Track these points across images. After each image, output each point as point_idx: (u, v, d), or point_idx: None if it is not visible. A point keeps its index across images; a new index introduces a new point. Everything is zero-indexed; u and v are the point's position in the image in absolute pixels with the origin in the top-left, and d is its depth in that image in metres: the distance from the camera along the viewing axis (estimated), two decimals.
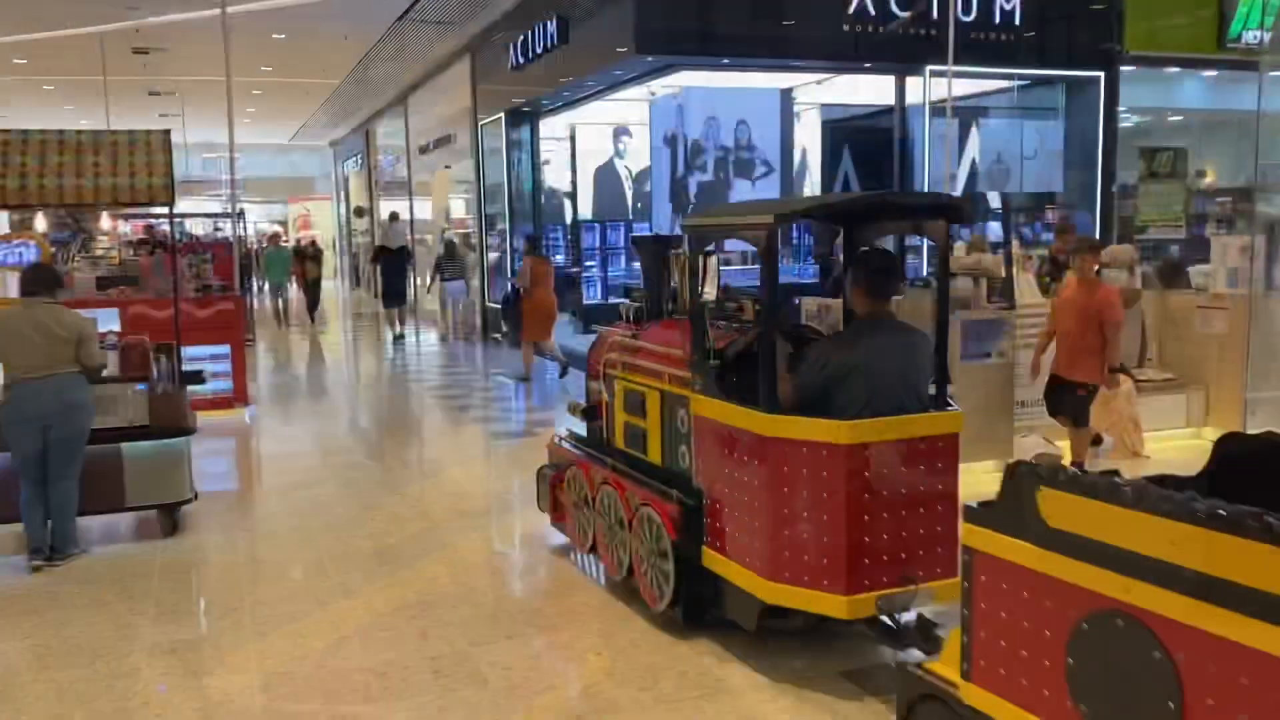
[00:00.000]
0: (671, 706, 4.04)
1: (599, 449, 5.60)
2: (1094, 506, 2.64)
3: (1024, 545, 2.83)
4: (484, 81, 18.28)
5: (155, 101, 24.76)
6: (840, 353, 4.31)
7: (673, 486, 4.75)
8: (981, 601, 3.00)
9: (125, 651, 4.72)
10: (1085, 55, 14.28)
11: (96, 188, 6.37)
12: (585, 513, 5.50)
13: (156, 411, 6.36)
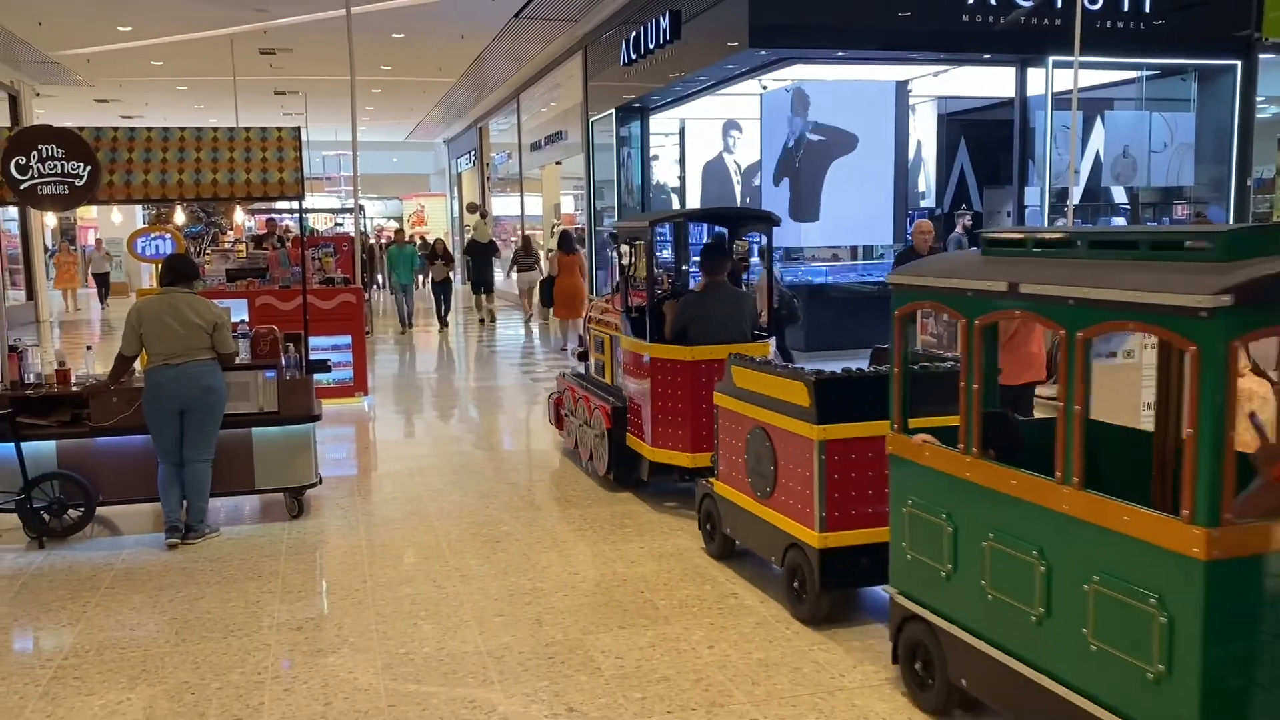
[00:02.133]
0: (786, 702, 4.01)
1: (583, 378, 8.23)
2: (751, 374, 5.27)
3: (729, 398, 5.49)
4: (595, 78, 18.43)
5: (280, 100, 25.70)
6: (691, 307, 6.78)
7: (612, 396, 7.31)
8: (719, 434, 5.63)
9: (255, 627, 4.92)
10: (1220, 43, 13.67)
11: (231, 182, 6.64)
12: (571, 420, 8.07)
13: (285, 398, 6.60)
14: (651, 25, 14.70)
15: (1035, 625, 3.32)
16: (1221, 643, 2.77)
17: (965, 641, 3.67)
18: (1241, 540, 2.76)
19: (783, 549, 4.92)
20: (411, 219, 37.39)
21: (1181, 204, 14.78)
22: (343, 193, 35.29)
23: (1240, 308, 2.66)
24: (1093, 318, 3.08)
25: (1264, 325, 2.77)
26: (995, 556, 3.50)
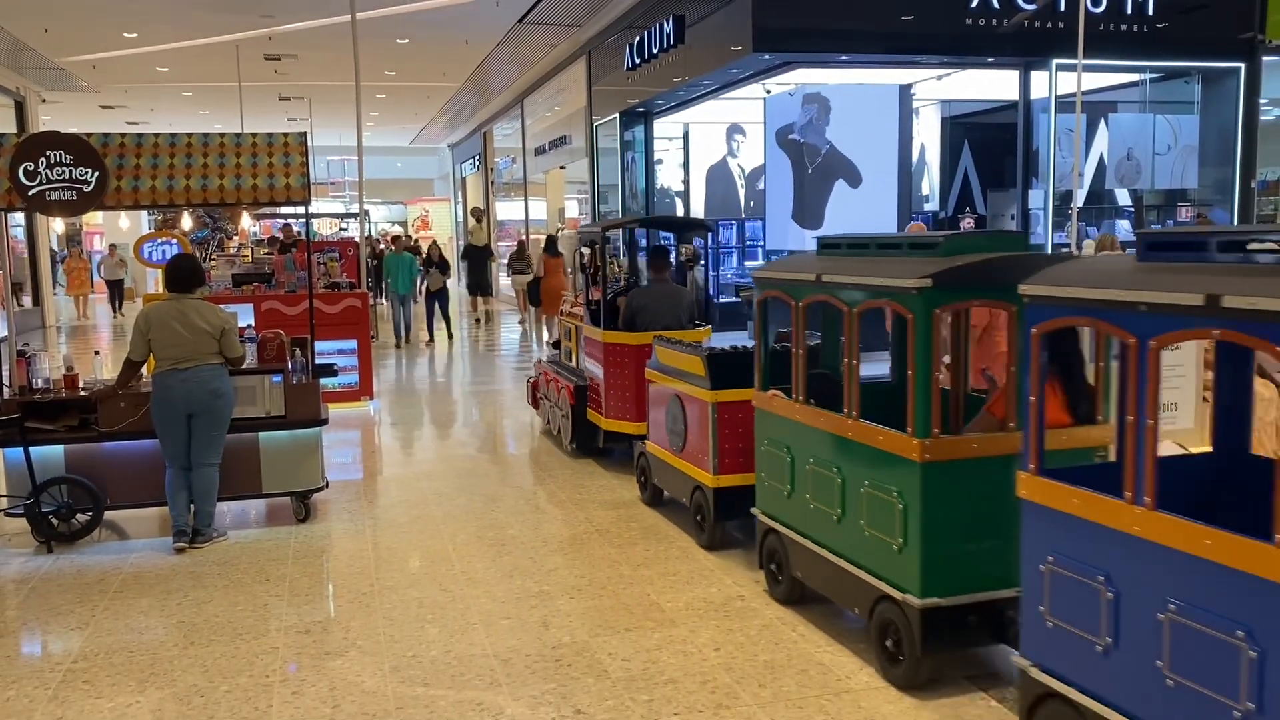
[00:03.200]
0: (792, 704, 4.03)
1: (555, 363, 9.40)
2: (668, 353, 6.43)
3: (655, 373, 6.69)
4: (599, 83, 18.47)
5: (285, 106, 25.78)
6: (638, 299, 7.97)
7: (576, 377, 8.52)
8: (649, 403, 6.88)
9: (263, 631, 4.94)
10: (1223, 45, 13.68)
11: (238, 188, 6.67)
12: (545, 401, 9.25)
13: (292, 403, 6.63)
14: (655, 30, 14.74)
15: (836, 523, 4.54)
16: (933, 519, 3.94)
17: (799, 542, 4.85)
18: (944, 448, 3.93)
19: (690, 490, 6.19)
20: (416, 224, 37.45)
21: (1186, 206, 14.78)
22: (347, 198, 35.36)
23: (937, 289, 3.88)
24: (861, 298, 4.29)
25: (956, 301, 4.04)
26: (814, 476, 4.69)
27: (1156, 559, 2.95)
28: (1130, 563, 3.04)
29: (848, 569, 4.43)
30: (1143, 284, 2.99)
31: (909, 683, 4.11)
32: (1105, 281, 3.16)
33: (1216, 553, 2.77)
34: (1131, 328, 3.02)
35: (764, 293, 5.13)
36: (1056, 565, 3.32)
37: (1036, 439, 3.38)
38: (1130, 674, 3.06)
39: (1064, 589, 3.29)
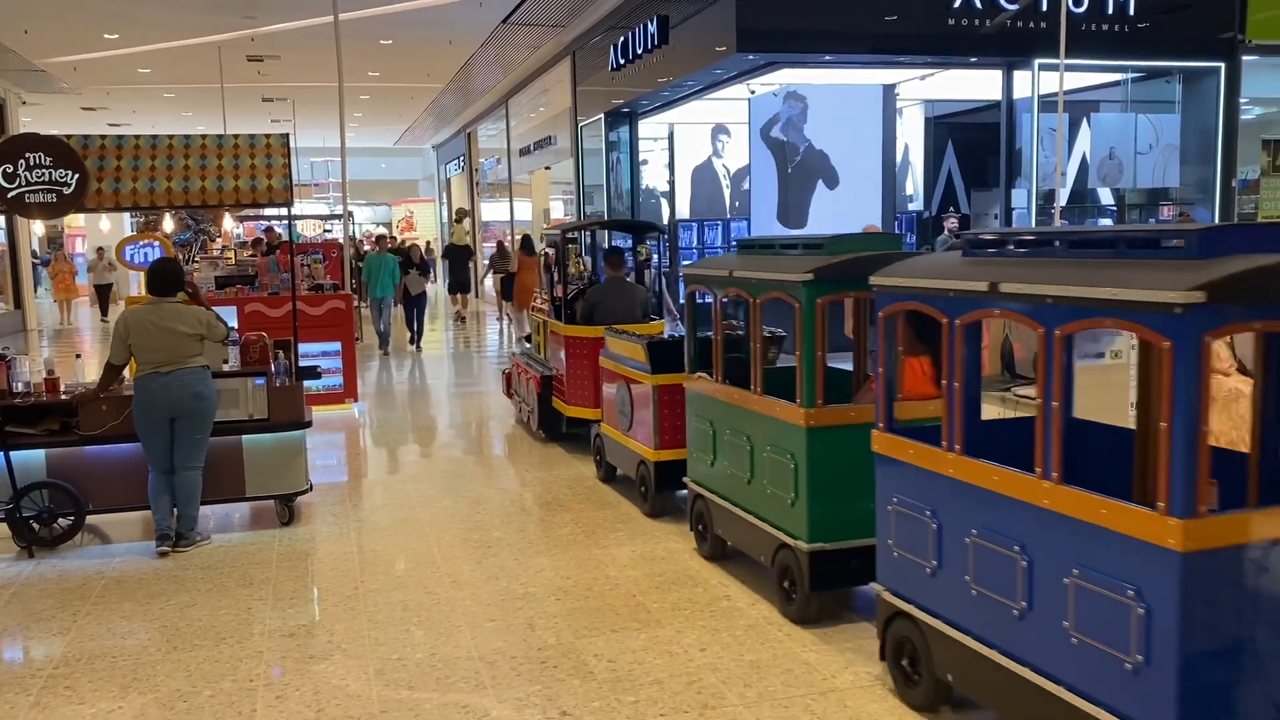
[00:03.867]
0: (778, 704, 4.03)
1: (527, 355, 9.87)
2: (617, 342, 7.12)
3: (607, 360, 7.35)
4: (584, 83, 18.46)
5: (268, 107, 25.66)
6: (596, 295, 8.55)
7: (543, 368, 9.07)
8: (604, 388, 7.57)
9: (247, 635, 4.91)
10: (1204, 45, 13.76)
11: (220, 190, 6.64)
12: (516, 389, 9.95)
13: (275, 405, 6.60)
14: (639, 30, 14.73)
15: (747, 484, 5.22)
16: (817, 475, 4.66)
17: (721, 505, 5.55)
18: (826, 416, 4.66)
19: (636, 464, 6.89)
20: (400, 225, 37.34)
21: (1168, 205, 14.87)
22: (331, 199, 35.25)
23: (817, 282, 4.60)
24: (762, 289, 5.05)
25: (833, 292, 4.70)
26: (730, 445, 5.38)
27: (965, 495, 3.62)
28: (947, 499, 3.72)
29: (756, 523, 5.13)
30: (953, 275, 3.67)
31: (801, 617, 4.83)
32: (926, 274, 3.84)
33: (1001, 486, 3.43)
34: (944, 309, 3.68)
35: (690, 287, 5.90)
36: (899, 505, 3.97)
37: (885, 403, 4.06)
38: (949, 589, 3.74)
39: (904, 524, 3.96)
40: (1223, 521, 2.85)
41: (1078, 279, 3.13)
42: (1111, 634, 3.01)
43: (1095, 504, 3.05)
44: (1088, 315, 3.08)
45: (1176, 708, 2.83)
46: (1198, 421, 2.78)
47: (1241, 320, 2.90)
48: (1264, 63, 14.40)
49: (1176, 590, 2.81)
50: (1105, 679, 3.05)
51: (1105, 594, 3.03)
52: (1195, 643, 2.83)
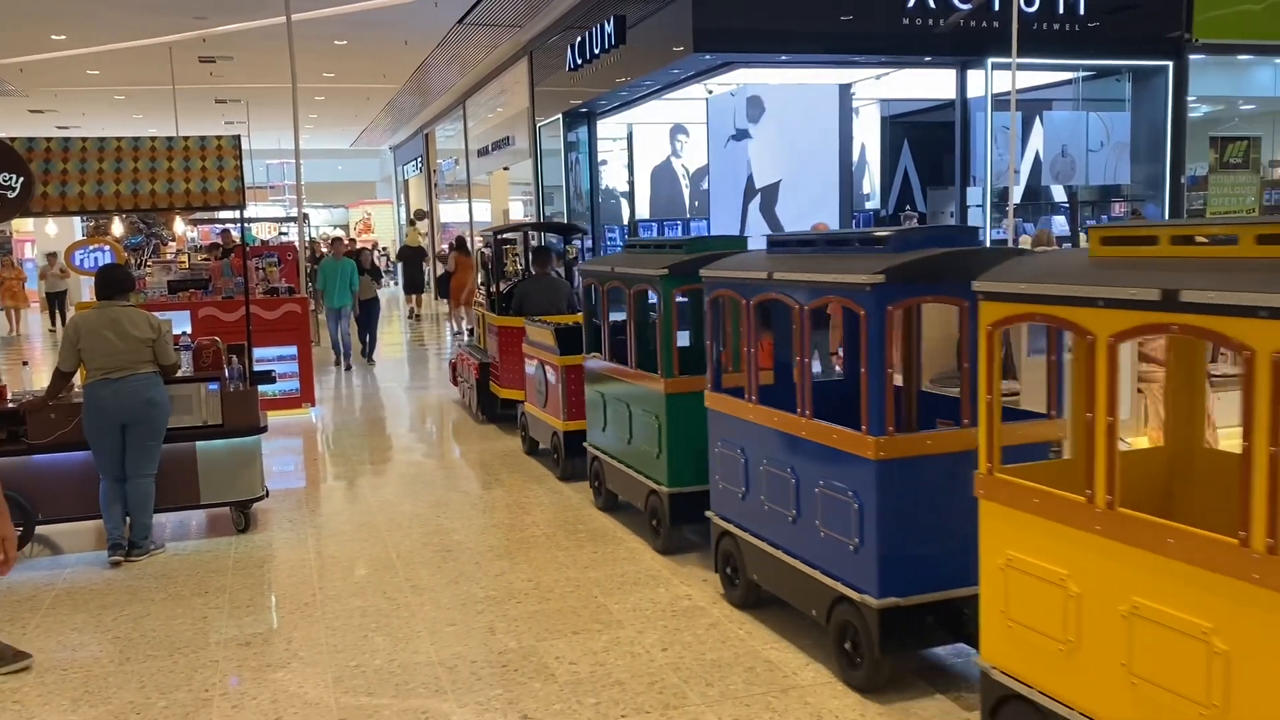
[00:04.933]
0: (739, 702, 4.03)
1: (470, 346, 11.05)
2: (534, 329, 8.17)
3: (528, 345, 8.33)
4: (541, 83, 18.40)
5: (221, 109, 25.35)
6: (524, 289, 9.47)
7: (482, 357, 10.13)
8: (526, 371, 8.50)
9: (202, 644, 4.84)
10: (1152, 44, 13.98)
11: (170, 192, 6.53)
12: (460, 376, 10.99)
13: (229, 411, 6.51)
14: (596, 30, 14.71)
15: (627, 443, 6.23)
16: (674, 433, 5.67)
17: (609, 461, 6.58)
18: (680, 385, 5.63)
19: (549, 435, 7.88)
20: (358, 227, 36.99)
21: (1119, 202, 15.09)
22: (287, 201, 34.87)
23: (673, 276, 5.59)
24: (634, 281, 6.03)
25: (687, 284, 5.58)
26: (612, 411, 6.47)
27: (759, 434, 4.67)
28: (749, 438, 4.77)
29: (633, 475, 6.15)
30: (751, 267, 4.74)
31: (665, 548, 5.87)
32: (735, 267, 4.97)
33: (779, 424, 4.50)
34: (741, 293, 4.78)
35: (585, 280, 6.96)
36: (721, 447, 5.07)
37: (713, 369, 5.15)
38: (750, 508, 4.82)
39: (725, 461, 5.03)
40: (904, 440, 3.93)
41: (821, 268, 4.22)
42: (841, 525, 4.09)
43: (830, 431, 4.14)
44: (821, 294, 4.22)
45: (878, 572, 3.91)
46: (884, 368, 3.86)
47: (912, 295, 4.06)
48: (1210, 61, 14.67)
49: (874, 488, 3.90)
50: (839, 559, 4.13)
51: (837, 496, 4.11)
52: (888, 526, 3.90)
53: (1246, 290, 2.50)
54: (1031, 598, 3.21)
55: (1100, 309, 2.91)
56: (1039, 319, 3.20)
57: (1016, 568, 3.26)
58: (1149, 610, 2.81)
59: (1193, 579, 2.69)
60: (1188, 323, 2.67)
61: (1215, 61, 14.78)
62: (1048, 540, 3.13)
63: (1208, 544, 2.66)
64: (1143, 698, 2.85)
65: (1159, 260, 2.90)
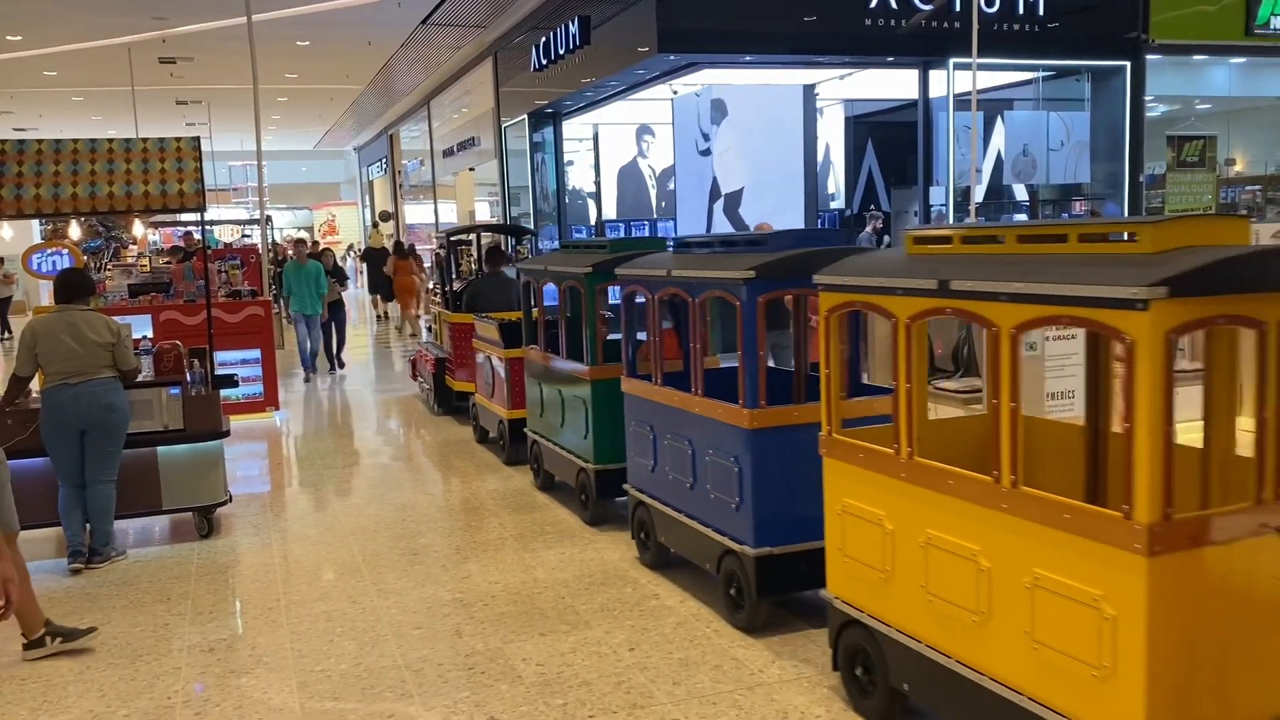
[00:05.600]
0: (706, 700, 4.04)
1: (430, 344, 11.63)
2: (481, 325, 8.79)
3: (477, 340, 8.99)
4: (506, 84, 18.35)
5: (182, 110, 25.07)
6: (476, 287, 9.83)
7: (439, 352, 10.70)
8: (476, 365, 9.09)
9: (164, 652, 4.78)
10: (1110, 45, 14.17)
11: (129, 195, 6.45)
12: (420, 372, 11.51)
13: (190, 415, 6.44)
14: (561, 31, 14.69)
15: (560, 427, 6.85)
16: (599, 414, 6.22)
17: (545, 445, 7.20)
18: (602, 371, 6.19)
19: (497, 424, 8.48)
20: (323, 229, 36.67)
21: (1080, 200, 15.27)
22: (250, 203, 34.54)
23: (595, 273, 6.12)
24: (563, 278, 6.67)
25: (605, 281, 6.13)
26: (546, 397, 7.09)
27: (663, 413, 5.29)
28: (656, 416, 5.39)
29: (567, 456, 6.77)
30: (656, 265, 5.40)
31: (593, 519, 6.50)
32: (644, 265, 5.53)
33: (679, 403, 5.10)
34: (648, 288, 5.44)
35: (524, 278, 7.54)
36: (635, 426, 5.66)
37: (628, 356, 5.72)
38: (659, 478, 5.39)
39: (638, 439, 5.62)
40: (776, 411, 4.53)
41: (709, 266, 4.82)
42: (726, 487, 4.70)
43: (716, 406, 4.76)
44: (709, 288, 4.82)
45: (754, 526, 4.53)
46: (758, 350, 4.47)
47: (779, 289, 4.60)
48: (1167, 62, 14.88)
49: (750, 453, 4.50)
50: (725, 517, 4.74)
51: (722, 462, 4.72)
52: (762, 486, 4.51)
53: (995, 280, 3.11)
54: (860, 537, 3.79)
55: (899, 296, 3.51)
56: (859, 305, 3.75)
57: (849, 512, 3.84)
58: (937, 539, 3.40)
59: (965, 512, 3.27)
60: (956, 306, 3.29)
61: (1171, 62, 15.00)
62: (870, 488, 3.73)
63: (972, 482, 3.24)
64: (936, 612, 3.44)
65: (947, 257, 3.47)
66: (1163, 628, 2.72)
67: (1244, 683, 2.88)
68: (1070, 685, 2.92)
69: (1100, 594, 2.81)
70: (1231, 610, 2.85)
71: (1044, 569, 2.98)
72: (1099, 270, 2.82)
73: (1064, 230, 3.12)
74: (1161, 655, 2.72)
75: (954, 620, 3.34)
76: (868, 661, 3.81)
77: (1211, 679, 2.83)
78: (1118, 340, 2.77)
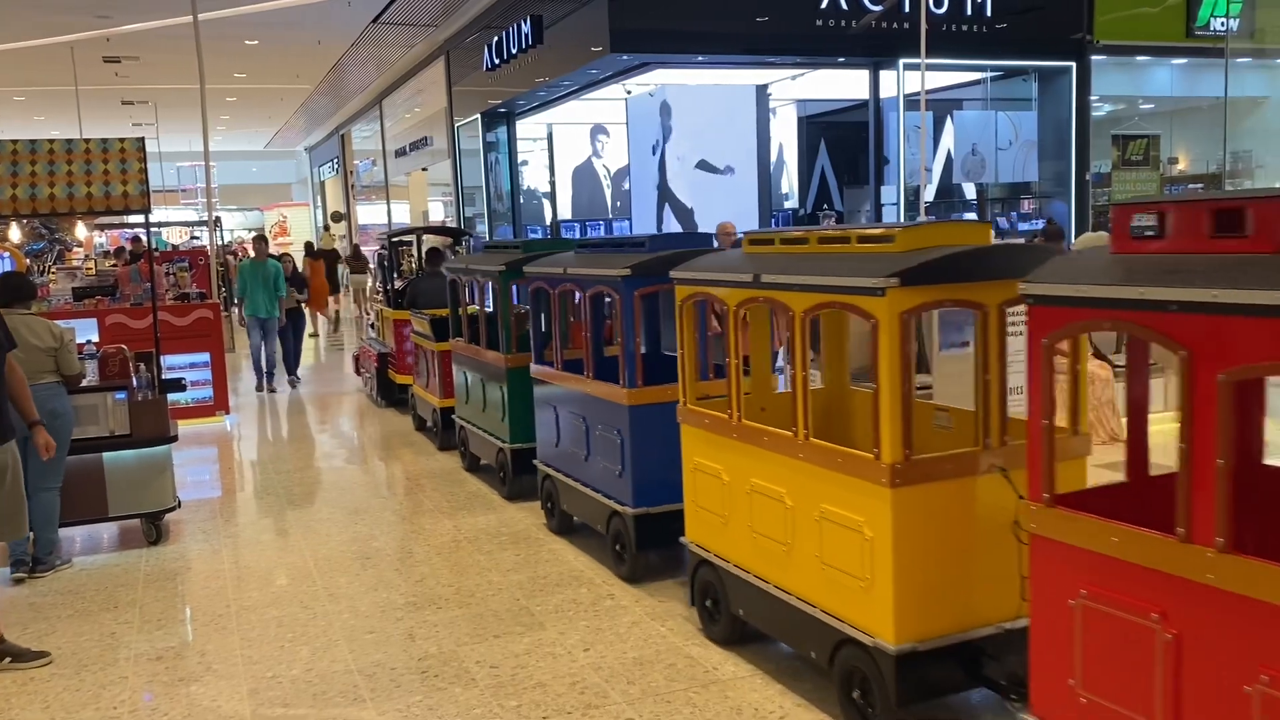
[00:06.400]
0: (661, 699, 4.05)
1: (373, 340, 12.07)
2: (417, 320, 9.48)
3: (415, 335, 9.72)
4: (459, 83, 18.26)
5: (128, 110, 24.63)
6: (416, 285, 10.23)
7: (382, 347, 11.24)
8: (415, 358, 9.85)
9: (111, 661, 4.70)
10: (1056, 45, 14.40)
11: (71, 196, 6.33)
12: (363, 366, 12.16)
13: (137, 420, 6.33)
14: (513, 30, 14.65)
15: (482, 410, 7.48)
16: (514, 400, 6.83)
17: (470, 428, 7.86)
18: (517, 360, 6.81)
19: (431, 411, 9.09)
20: (274, 230, 36.21)
21: (1028, 198, 15.51)
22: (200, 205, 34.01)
23: (509, 271, 6.80)
24: (479, 276, 7.44)
25: (519, 279, 6.70)
26: (470, 385, 7.73)
27: (562, 395, 5.99)
28: (557, 398, 6.08)
29: (487, 438, 7.42)
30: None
31: (512, 494, 7.10)
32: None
33: (575, 385, 5.78)
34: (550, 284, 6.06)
35: (450, 275, 8.15)
36: (541, 408, 6.38)
37: (535, 346, 6.42)
38: (560, 453, 6.11)
39: (544, 419, 6.33)
40: (651, 390, 5.18)
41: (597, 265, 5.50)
42: (611, 457, 5.38)
43: (602, 386, 5.45)
44: (595, 284, 5.47)
45: (633, 489, 5.23)
46: (635, 337, 5.15)
47: (651, 284, 5.12)
48: (1111, 62, 15.16)
49: (628, 426, 5.18)
50: (611, 483, 5.41)
51: (608, 435, 5.40)
52: (639, 454, 5.19)
53: (790, 274, 3.84)
54: (706, 489, 4.53)
55: (728, 288, 4.26)
56: (700, 297, 4.54)
57: (699, 470, 4.58)
58: (759, 486, 4.12)
59: (776, 462, 4.00)
60: (766, 295, 4.04)
61: (1116, 62, 15.28)
62: (713, 448, 4.45)
63: (780, 438, 3.98)
64: (758, 547, 4.17)
65: (767, 255, 4.17)
66: (905, 545, 3.41)
67: (976, 593, 3.50)
68: (846, 596, 3.65)
69: (862, 520, 3.54)
70: (963, 533, 3.51)
71: (828, 504, 3.72)
72: (860, 265, 3.53)
73: (848, 234, 3.82)
74: (905, 568, 3.42)
75: (770, 552, 4.09)
76: (715, 594, 4.51)
77: (948, 589, 3.49)
78: (867, 320, 3.46)
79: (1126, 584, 2.66)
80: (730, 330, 4.19)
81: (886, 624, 3.44)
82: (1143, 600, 2.61)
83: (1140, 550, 2.61)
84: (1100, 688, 2.76)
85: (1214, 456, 2.44)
